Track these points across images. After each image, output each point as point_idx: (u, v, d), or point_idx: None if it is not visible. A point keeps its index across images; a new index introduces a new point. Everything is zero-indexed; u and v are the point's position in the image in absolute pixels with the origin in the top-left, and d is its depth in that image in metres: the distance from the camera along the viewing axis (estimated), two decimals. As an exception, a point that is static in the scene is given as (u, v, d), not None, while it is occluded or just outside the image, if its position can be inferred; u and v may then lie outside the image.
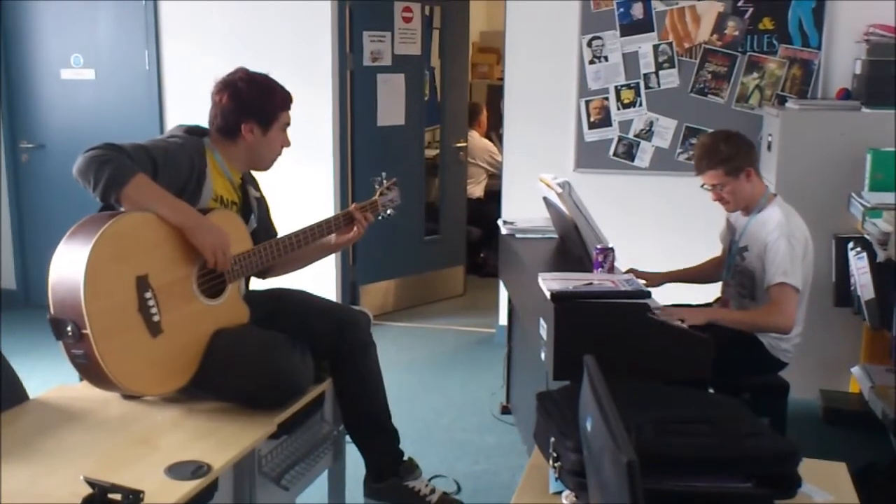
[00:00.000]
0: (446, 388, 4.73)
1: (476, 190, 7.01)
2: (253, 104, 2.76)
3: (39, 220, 6.07)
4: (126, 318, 2.40)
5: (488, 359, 5.07)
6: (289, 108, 2.85)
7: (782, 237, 3.20)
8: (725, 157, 3.30)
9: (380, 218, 3.19)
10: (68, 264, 2.36)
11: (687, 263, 4.12)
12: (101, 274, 2.34)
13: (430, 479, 3.11)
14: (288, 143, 2.89)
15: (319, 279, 4.81)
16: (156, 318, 2.44)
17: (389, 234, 5.77)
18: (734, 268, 3.46)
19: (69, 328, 2.33)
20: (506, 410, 4.28)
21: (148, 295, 2.43)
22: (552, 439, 1.88)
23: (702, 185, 3.40)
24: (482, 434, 4.12)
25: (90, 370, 2.39)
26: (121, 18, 5.71)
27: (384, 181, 3.24)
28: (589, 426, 1.45)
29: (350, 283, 5.76)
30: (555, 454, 1.86)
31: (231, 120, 2.77)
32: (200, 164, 2.68)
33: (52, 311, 2.39)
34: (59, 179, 5.94)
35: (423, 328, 5.79)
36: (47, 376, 2.72)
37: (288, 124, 2.87)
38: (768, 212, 3.33)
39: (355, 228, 3.02)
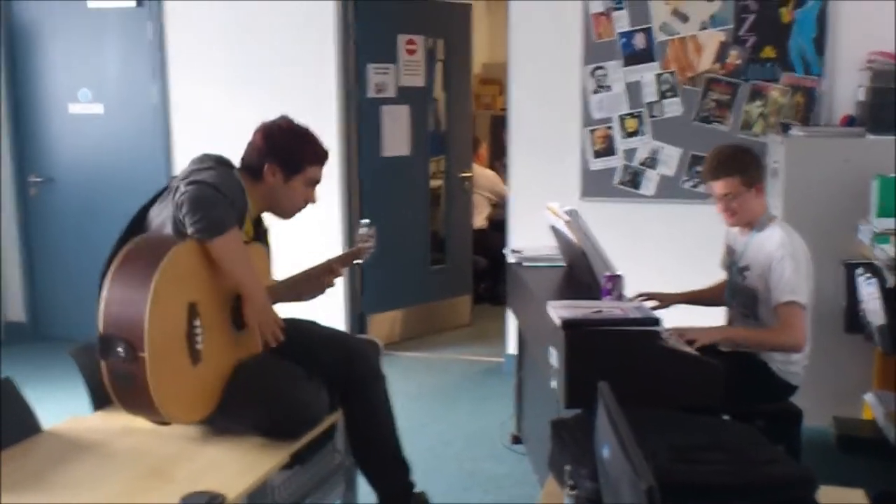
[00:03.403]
0: (455, 418, 4.72)
1: (479, 220, 7.04)
2: (281, 148, 2.78)
3: (48, 253, 6.10)
4: (176, 344, 2.42)
5: (496, 388, 5.07)
6: (319, 164, 2.85)
7: (787, 256, 3.21)
8: (744, 166, 3.31)
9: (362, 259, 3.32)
10: (129, 285, 2.36)
11: (690, 288, 4.14)
12: (164, 297, 2.36)
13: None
14: (313, 200, 2.88)
15: (327, 309, 4.82)
16: (199, 346, 2.47)
17: (396, 264, 5.80)
18: (735, 288, 3.46)
19: (120, 348, 2.32)
20: (516, 440, 4.26)
21: (196, 322, 2.46)
22: (567, 467, 1.87)
23: (709, 195, 3.39)
24: (492, 464, 4.10)
25: (132, 393, 2.38)
26: (129, 53, 5.77)
27: (368, 228, 3.28)
28: (606, 453, 1.45)
29: (358, 313, 5.77)
30: (571, 482, 1.86)
31: (257, 159, 2.79)
32: (244, 201, 2.71)
33: (101, 328, 2.38)
34: (67, 213, 6.01)
35: (430, 358, 5.78)
36: (56, 409, 2.73)
37: (316, 181, 2.86)
38: (769, 231, 3.34)
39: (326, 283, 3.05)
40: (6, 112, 5.97)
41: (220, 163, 2.77)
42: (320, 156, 2.85)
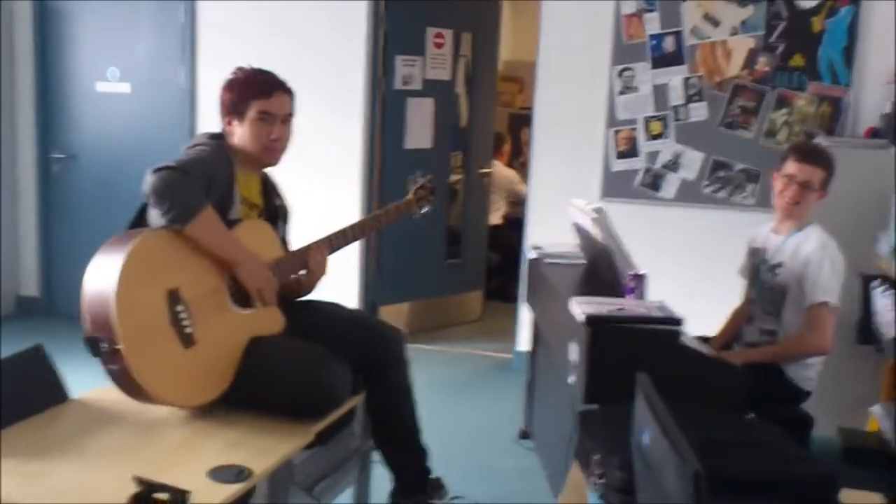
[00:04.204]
0: (464, 412, 4.74)
1: (494, 217, 7.06)
2: (225, 98, 2.81)
3: (65, 229, 6.11)
4: (158, 332, 2.43)
5: (505, 384, 5.09)
6: (263, 96, 2.77)
7: (826, 258, 3.25)
8: (832, 168, 3.36)
9: (413, 217, 3.29)
10: (99, 282, 2.41)
11: (706, 293, 4.18)
12: (131, 290, 2.38)
13: (451, 499, 3.12)
14: (280, 134, 2.80)
15: (341, 297, 4.85)
16: (188, 330, 2.48)
17: (411, 256, 5.82)
18: (763, 285, 3.49)
19: (103, 345, 2.37)
20: (524, 435, 4.29)
21: (180, 308, 2.47)
22: (596, 456, 1.90)
23: (782, 172, 3.38)
24: (501, 458, 4.13)
25: (127, 384, 2.42)
26: (159, 35, 5.79)
27: (418, 178, 3.32)
28: (647, 440, 1.48)
29: (370, 302, 5.80)
30: (599, 471, 1.88)
31: (220, 119, 2.83)
32: (229, 170, 2.73)
33: (87, 329, 2.42)
34: (88, 190, 6.03)
35: (440, 351, 5.80)
36: (73, 384, 2.74)
37: (270, 114, 2.77)
38: (808, 232, 3.37)
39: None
40: (33, 88, 5.98)
41: (212, 137, 2.80)
42: (261, 88, 2.78)
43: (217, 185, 2.65)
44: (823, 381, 3.44)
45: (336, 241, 3.02)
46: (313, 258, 2.88)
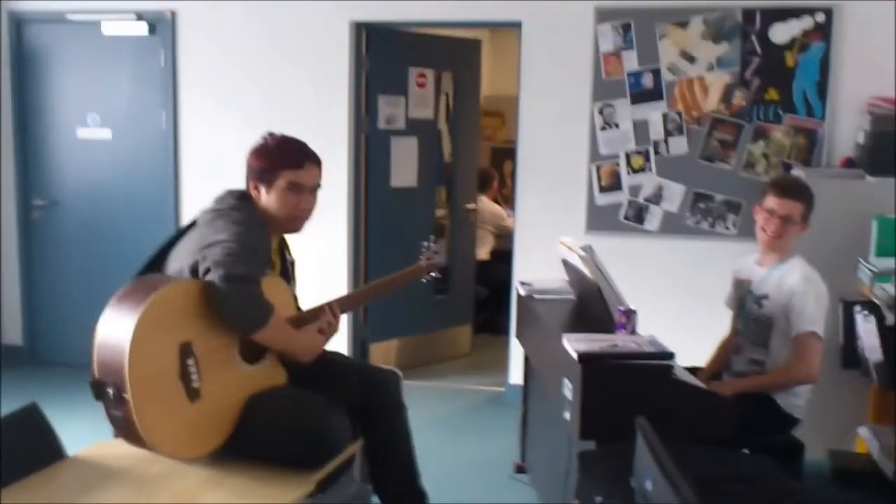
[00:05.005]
0: (458, 448, 4.76)
1: (482, 252, 7.11)
2: (255, 163, 2.84)
3: (48, 277, 6.09)
4: (167, 385, 2.46)
5: (498, 418, 5.12)
6: (293, 167, 2.81)
7: (811, 290, 3.34)
8: (811, 201, 3.46)
9: (423, 281, 3.40)
10: (115, 329, 2.42)
11: (692, 324, 4.23)
12: (146, 341, 2.41)
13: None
14: (307, 206, 2.87)
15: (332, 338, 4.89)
16: (195, 385, 2.51)
17: (400, 293, 5.83)
18: (749, 316, 3.55)
19: (110, 390, 2.39)
20: (520, 470, 4.31)
21: (190, 361, 2.50)
22: (598, 499, 1.94)
23: (763, 206, 3.47)
24: (497, 494, 4.14)
25: (127, 432, 2.45)
26: (140, 80, 5.82)
27: (431, 245, 3.41)
28: (649, 486, 1.53)
29: (361, 340, 5.82)
30: (601, 512, 1.93)
31: (246, 181, 2.87)
32: (267, 238, 2.79)
33: (95, 373, 2.44)
34: (70, 237, 6.02)
35: (431, 386, 5.82)
36: (67, 433, 2.75)
37: (299, 185, 2.82)
38: (793, 264, 3.46)
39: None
40: (13, 135, 5.99)
41: (240, 198, 2.82)
42: (292, 159, 2.81)
43: (262, 258, 2.72)
44: (812, 406, 3.51)
45: (347, 303, 3.09)
46: (324, 319, 2.91)
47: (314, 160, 2.88)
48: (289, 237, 3.06)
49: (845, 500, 3.91)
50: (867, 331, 3.87)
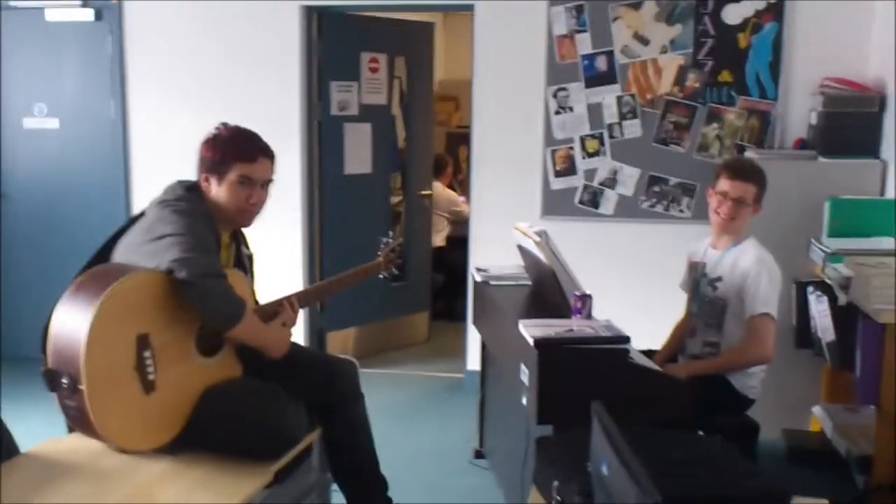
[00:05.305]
0: (417, 434, 4.76)
1: (437, 238, 7.09)
2: (206, 155, 2.78)
3: (2, 270, 5.96)
4: (122, 376, 2.43)
5: (457, 404, 5.12)
6: (245, 160, 2.75)
7: (764, 271, 3.36)
8: (763, 182, 3.47)
9: (381, 277, 3.39)
10: (71, 319, 2.38)
11: (648, 307, 4.26)
12: (103, 333, 2.37)
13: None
14: (257, 199, 2.81)
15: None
16: (151, 377, 2.48)
17: (357, 282, 5.80)
18: (703, 299, 3.57)
19: (64, 380, 2.35)
20: (479, 455, 4.32)
21: (147, 354, 2.47)
22: (555, 483, 1.94)
23: (716, 189, 3.47)
24: (457, 479, 4.14)
25: (81, 422, 2.43)
26: (87, 67, 5.71)
27: (389, 240, 3.38)
28: (605, 470, 1.52)
29: (318, 329, 5.78)
30: (559, 498, 1.92)
31: (197, 172, 2.81)
32: (214, 230, 2.74)
33: (49, 362, 2.40)
34: (22, 229, 5.91)
35: (389, 374, 5.80)
36: (17, 429, 2.70)
37: (250, 179, 2.76)
38: (745, 246, 3.48)
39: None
40: (-42, 127, 5.85)
41: (188, 189, 2.77)
42: (244, 152, 2.75)
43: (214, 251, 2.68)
44: (766, 386, 3.55)
45: (306, 298, 3.07)
46: (286, 314, 2.89)
47: (267, 154, 2.83)
48: (245, 230, 3.00)
49: (800, 478, 3.97)
50: (820, 311, 3.91)
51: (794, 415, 4.30)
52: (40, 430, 2.71)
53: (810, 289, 4.00)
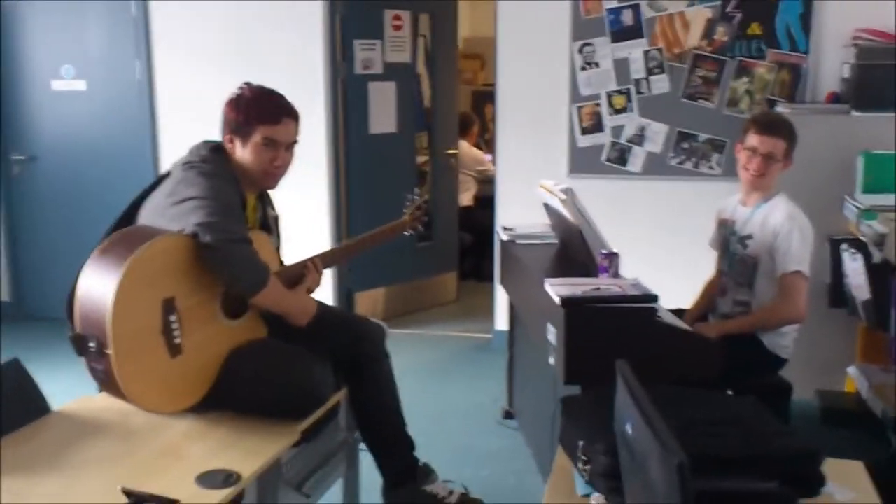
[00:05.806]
0: (446, 394, 4.77)
1: (465, 198, 7.07)
2: (231, 116, 2.75)
3: (32, 232, 6.06)
4: (149, 340, 2.43)
5: (486, 364, 5.12)
6: (269, 122, 2.72)
7: (795, 228, 3.29)
8: (793, 137, 3.39)
9: (407, 234, 3.37)
10: (98, 283, 2.38)
11: (677, 266, 4.22)
12: (129, 297, 2.37)
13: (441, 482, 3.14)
14: (283, 161, 2.78)
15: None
16: (177, 340, 2.48)
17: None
18: (734, 257, 3.52)
19: (91, 344, 2.37)
20: (508, 415, 4.32)
21: (173, 318, 2.47)
22: (580, 443, 1.92)
23: (745, 144, 3.41)
24: (486, 439, 4.15)
25: (109, 385, 2.44)
26: (112, 28, 5.72)
27: (415, 197, 3.35)
28: (630, 430, 1.50)
29: (346, 289, 5.79)
30: (584, 458, 1.91)
31: (221, 132, 2.79)
32: (239, 192, 2.72)
33: (76, 327, 2.42)
34: (50, 191, 5.98)
35: (418, 335, 5.82)
36: (48, 388, 2.73)
37: (275, 141, 2.73)
38: (776, 202, 3.41)
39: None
40: (-13, 90, 5.89)
41: (213, 150, 2.75)
42: (269, 114, 2.72)
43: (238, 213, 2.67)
44: (799, 346, 3.49)
45: (331, 259, 3.06)
46: (311, 276, 2.88)
47: (291, 115, 2.79)
48: (270, 191, 2.98)
49: (834, 439, 3.94)
50: (854, 269, 3.85)
51: (827, 375, 4.27)
52: (74, 389, 2.73)
53: (844, 246, 3.94)
